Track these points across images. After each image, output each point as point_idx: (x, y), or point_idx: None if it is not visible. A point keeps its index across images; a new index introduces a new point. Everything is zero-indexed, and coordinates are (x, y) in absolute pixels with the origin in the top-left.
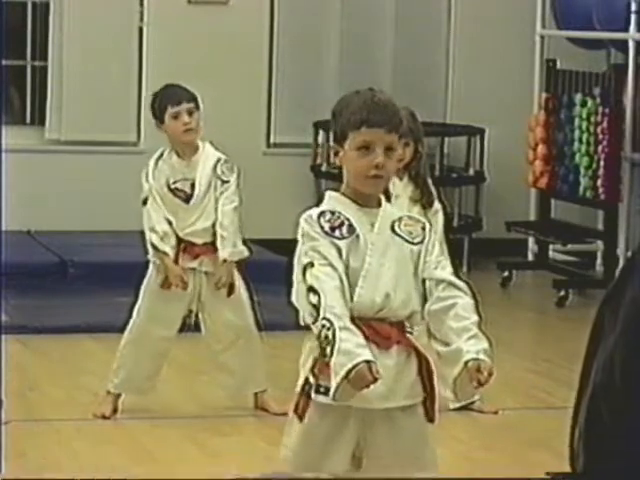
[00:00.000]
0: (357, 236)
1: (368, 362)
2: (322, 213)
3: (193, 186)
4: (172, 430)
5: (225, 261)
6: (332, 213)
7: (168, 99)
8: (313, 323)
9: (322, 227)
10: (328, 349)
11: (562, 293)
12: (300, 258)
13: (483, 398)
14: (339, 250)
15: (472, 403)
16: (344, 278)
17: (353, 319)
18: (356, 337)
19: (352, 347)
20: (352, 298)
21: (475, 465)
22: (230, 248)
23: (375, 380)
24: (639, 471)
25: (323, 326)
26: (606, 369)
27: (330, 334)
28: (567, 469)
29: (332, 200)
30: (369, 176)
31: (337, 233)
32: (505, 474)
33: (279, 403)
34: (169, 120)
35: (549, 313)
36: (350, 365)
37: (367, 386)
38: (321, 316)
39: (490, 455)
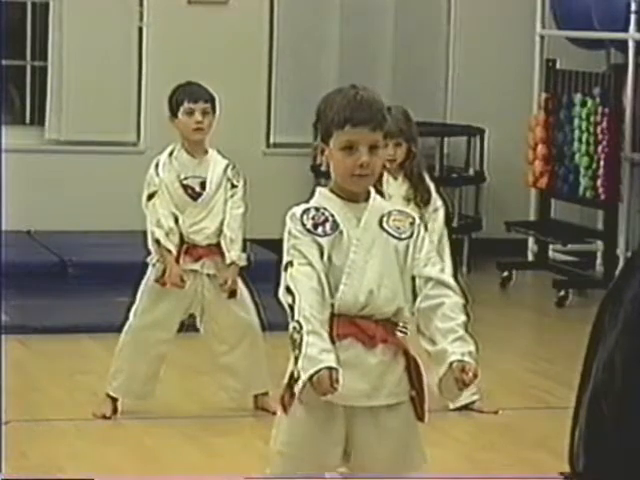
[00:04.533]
0: (340, 232)
1: (330, 369)
2: (306, 210)
3: (202, 185)
4: (172, 430)
5: (232, 263)
6: (317, 210)
7: (186, 94)
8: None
9: (304, 225)
10: (296, 352)
11: (562, 293)
12: (284, 256)
13: (483, 398)
14: (320, 248)
15: (472, 403)
16: (323, 278)
17: (339, 316)
18: (322, 342)
19: (316, 353)
20: (336, 295)
21: (475, 465)
22: (238, 251)
23: (334, 389)
24: None
25: (294, 328)
26: (607, 368)
27: (298, 337)
28: (567, 469)
29: (320, 196)
30: (354, 175)
31: (320, 230)
32: (505, 474)
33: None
34: (182, 115)
35: (549, 313)
36: (312, 371)
37: (325, 393)
38: (294, 318)
39: (490, 455)
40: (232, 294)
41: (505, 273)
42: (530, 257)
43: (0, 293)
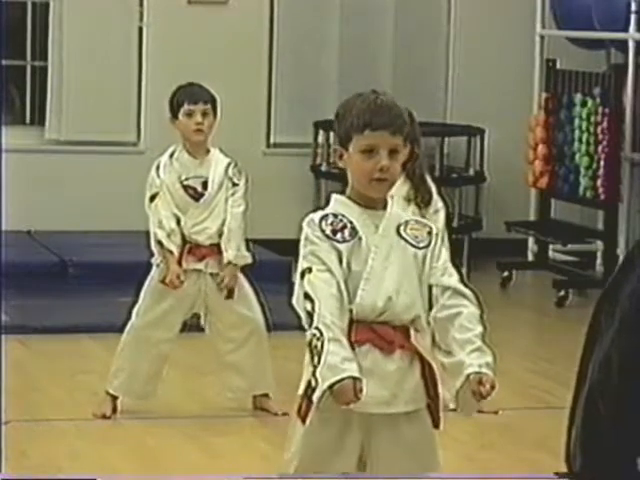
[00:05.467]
0: (359, 239)
1: (354, 379)
2: (325, 216)
3: (204, 185)
4: (172, 430)
5: (230, 263)
6: (335, 216)
7: (186, 96)
8: (308, 329)
9: (323, 230)
10: (316, 359)
11: (562, 293)
12: (300, 262)
13: None
14: (339, 254)
15: None
16: (342, 284)
17: (356, 321)
18: (344, 350)
19: (338, 361)
20: (354, 300)
21: (475, 465)
22: (235, 251)
23: (358, 399)
24: (637, 469)
25: (314, 335)
26: (603, 367)
27: (319, 344)
28: (565, 469)
29: (337, 203)
30: (373, 179)
31: (338, 236)
32: (505, 474)
33: (281, 404)
34: (182, 116)
35: (549, 313)
36: (333, 380)
37: (348, 403)
38: (314, 325)
39: (490, 455)
40: (229, 293)
41: (505, 273)
42: (530, 257)
43: (0, 293)
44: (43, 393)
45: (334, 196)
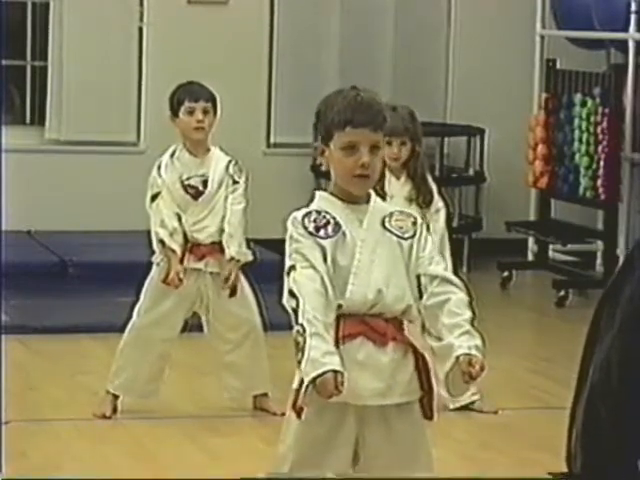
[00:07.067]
0: (344, 234)
1: (335, 372)
2: (307, 214)
3: (205, 183)
4: (172, 430)
5: (232, 259)
6: (318, 213)
7: (186, 93)
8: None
9: (306, 228)
10: (299, 355)
11: (562, 293)
12: (286, 261)
13: (483, 398)
14: (323, 250)
15: (472, 403)
16: (327, 280)
17: (348, 315)
18: (326, 345)
19: (319, 356)
20: (344, 295)
21: (474, 465)
22: (237, 247)
23: (339, 391)
24: (637, 470)
25: (297, 331)
26: (604, 369)
27: (302, 340)
28: (566, 469)
29: (320, 200)
30: (355, 175)
31: (322, 233)
32: (505, 474)
33: (279, 403)
34: (183, 114)
35: (549, 313)
36: (315, 374)
37: (330, 396)
38: (298, 321)
39: (490, 455)
40: (233, 291)
41: (505, 273)
42: (530, 257)
43: (0, 293)
44: (43, 393)
45: (317, 193)
